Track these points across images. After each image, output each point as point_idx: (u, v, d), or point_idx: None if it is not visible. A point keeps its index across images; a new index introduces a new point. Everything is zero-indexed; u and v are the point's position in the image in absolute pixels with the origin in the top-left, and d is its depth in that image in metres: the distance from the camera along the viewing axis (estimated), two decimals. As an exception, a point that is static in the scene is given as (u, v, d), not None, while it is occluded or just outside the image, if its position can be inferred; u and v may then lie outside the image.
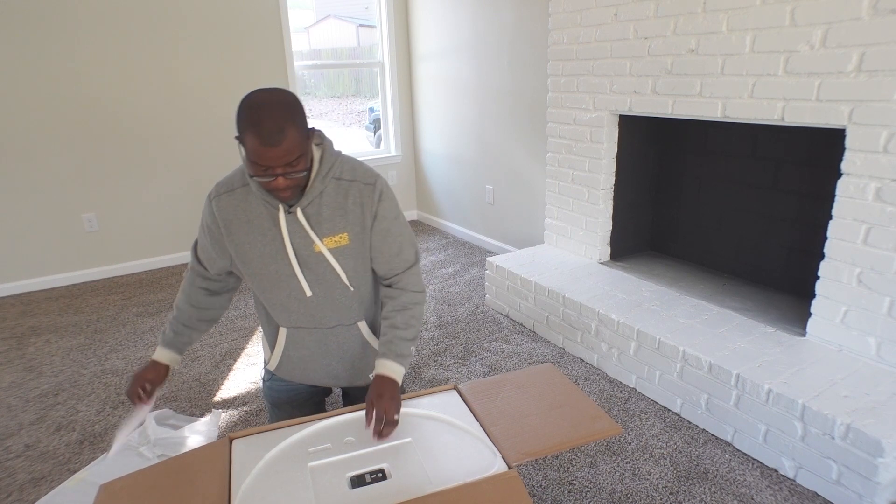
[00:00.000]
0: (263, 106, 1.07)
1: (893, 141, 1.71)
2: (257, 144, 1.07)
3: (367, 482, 1.05)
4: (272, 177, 1.12)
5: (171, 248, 3.94)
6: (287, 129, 1.07)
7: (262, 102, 1.08)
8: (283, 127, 1.07)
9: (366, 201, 1.27)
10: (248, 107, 1.08)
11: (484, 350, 2.65)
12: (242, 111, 1.09)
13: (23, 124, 3.31)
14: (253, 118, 1.07)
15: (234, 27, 3.74)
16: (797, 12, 1.86)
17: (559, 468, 1.86)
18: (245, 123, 1.08)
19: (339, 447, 1.14)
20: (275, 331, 1.41)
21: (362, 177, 1.28)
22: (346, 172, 1.27)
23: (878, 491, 1.56)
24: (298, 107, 1.13)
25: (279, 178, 1.12)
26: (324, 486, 1.04)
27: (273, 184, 1.13)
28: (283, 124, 1.07)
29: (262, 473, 1.08)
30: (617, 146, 2.75)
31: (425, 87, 4.38)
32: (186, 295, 1.42)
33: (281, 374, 1.47)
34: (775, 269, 2.51)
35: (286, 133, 1.07)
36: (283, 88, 1.14)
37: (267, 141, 1.06)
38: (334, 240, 1.27)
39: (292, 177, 1.13)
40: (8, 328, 3.04)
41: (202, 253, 1.38)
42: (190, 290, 1.42)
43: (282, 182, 1.13)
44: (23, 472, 1.92)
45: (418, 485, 1.03)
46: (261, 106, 1.07)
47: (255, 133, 1.06)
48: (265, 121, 1.06)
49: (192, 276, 1.42)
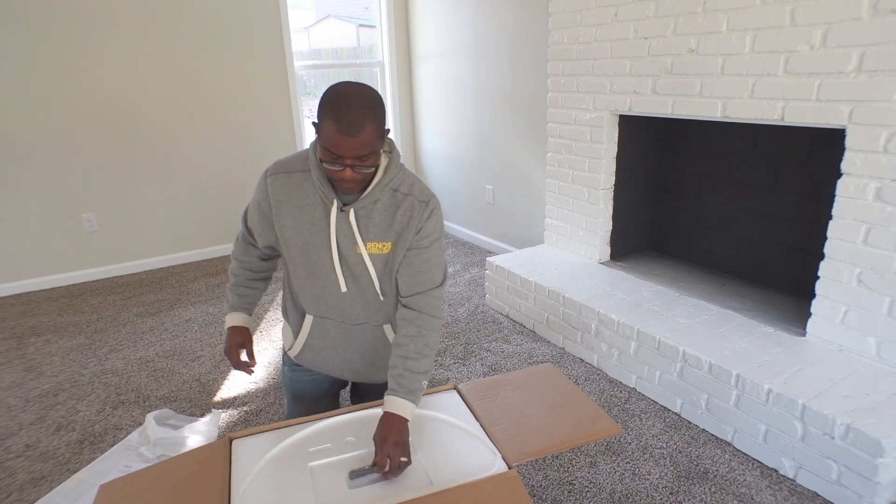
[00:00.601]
0: (349, 97, 1.11)
1: (893, 141, 1.71)
2: (335, 132, 1.09)
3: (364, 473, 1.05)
4: (341, 166, 1.14)
5: (171, 248, 3.94)
6: (366, 123, 1.10)
7: (349, 93, 1.11)
8: (363, 120, 1.10)
9: (415, 216, 1.28)
10: (333, 94, 1.12)
11: (484, 350, 2.65)
12: (327, 98, 1.12)
13: (23, 124, 3.30)
14: (336, 106, 1.10)
15: (234, 27, 3.74)
16: (797, 12, 1.86)
17: (559, 468, 1.86)
18: (327, 110, 1.11)
19: (339, 447, 1.14)
20: (300, 317, 1.42)
21: (418, 194, 1.29)
22: (404, 186, 1.29)
23: (878, 491, 1.56)
24: (381, 105, 1.16)
25: (347, 170, 1.14)
26: (324, 486, 1.04)
27: (340, 174, 1.15)
28: (363, 118, 1.10)
29: (262, 473, 1.08)
30: (617, 146, 2.75)
31: (425, 87, 4.38)
32: (239, 262, 1.47)
33: (300, 361, 1.48)
34: (775, 269, 2.51)
35: (365, 126, 1.10)
36: (369, 86, 1.17)
37: (345, 130, 1.09)
38: (378, 246, 1.28)
39: (360, 170, 1.15)
40: (8, 328, 3.04)
41: (251, 224, 1.41)
42: (242, 257, 1.47)
43: (349, 174, 1.15)
44: (23, 472, 1.92)
45: (418, 485, 1.03)
46: (346, 96, 1.11)
47: (336, 121, 1.09)
48: (348, 111, 1.09)
49: (243, 245, 1.47)
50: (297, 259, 1.32)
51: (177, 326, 2.99)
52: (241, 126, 3.94)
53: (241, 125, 3.94)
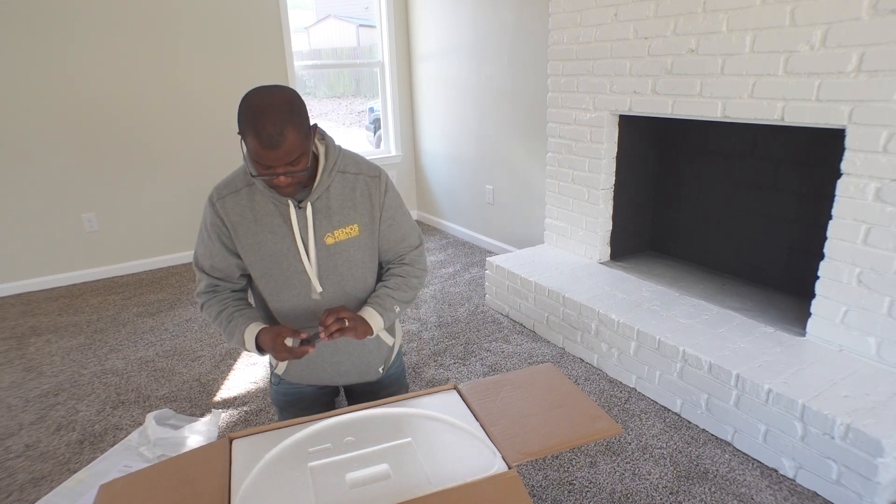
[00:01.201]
0: (264, 107, 1.08)
1: (893, 141, 1.71)
2: (258, 146, 1.08)
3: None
4: (274, 175, 1.14)
5: (171, 248, 3.94)
6: (287, 131, 1.08)
7: (263, 103, 1.09)
8: (283, 129, 1.08)
9: (373, 193, 1.32)
10: (248, 108, 1.09)
11: (484, 350, 2.65)
12: (243, 112, 1.10)
13: (23, 124, 3.31)
14: (253, 120, 1.08)
15: (234, 27, 3.74)
16: (797, 12, 1.86)
17: (559, 468, 1.86)
18: (246, 125, 1.09)
19: (339, 447, 1.14)
20: None
21: (367, 170, 1.33)
22: (351, 166, 1.31)
23: (878, 491, 1.56)
24: (298, 105, 1.14)
25: (280, 177, 1.15)
26: (324, 486, 1.04)
27: (275, 181, 1.16)
28: (282, 126, 1.08)
29: (262, 473, 1.08)
30: (617, 146, 2.75)
31: (425, 87, 4.38)
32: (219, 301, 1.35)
33: (290, 378, 1.48)
34: (775, 269, 2.51)
35: (286, 135, 1.08)
36: (283, 86, 1.15)
37: (267, 143, 1.08)
38: (345, 231, 1.30)
39: (293, 175, 1.15)
40: (8, 328, 3.04)
41: (212, 267, 1.33)
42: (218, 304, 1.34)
43: (283, 180, 1.15)
44: (23, 472, 1.92)
45: (418, 485, 1.03)
46: (261, 107, 1.08)
47: (256, 135, 1.08)
48: (265, 123, 1.07)
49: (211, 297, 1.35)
50: (269, 272, 1.30)
51: (177, 326, 2.99)
52: (241, 126, 3.94)
53: (241, 125, 3.94)
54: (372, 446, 1.14)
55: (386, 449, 1.13)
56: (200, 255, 1.35)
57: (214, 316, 1.34)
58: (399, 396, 1.31)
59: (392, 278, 1.39)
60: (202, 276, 1.36)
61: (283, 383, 1.51)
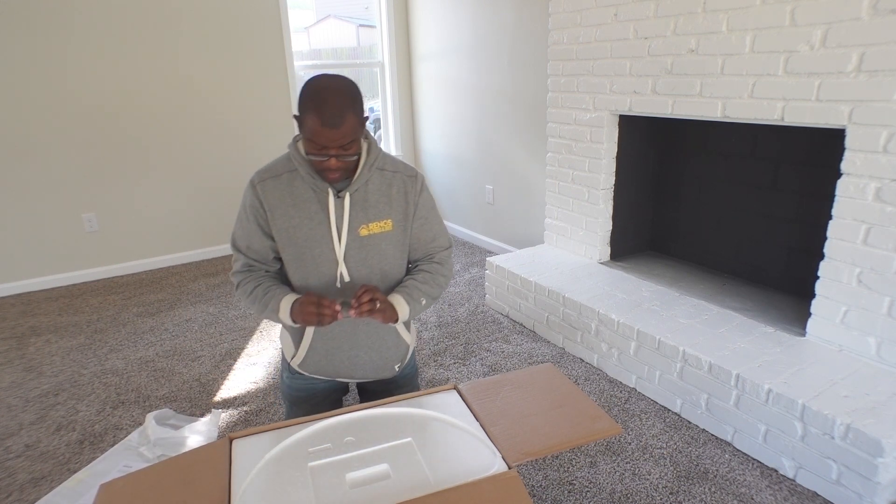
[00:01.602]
0: (328, 90, 1.15)
1: (893, 141, 1.71)
2: (318, 124, 1.14)
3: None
4: (326, 157, 1.19)
5: (171, 249, 3.94)
6: (347, 114, 1.15)
7: (328, 86, 1.16)
8: (344, 111, 1.15)
9: (409, 191, 1.37)
10: (313, 88, 1.16)
11: (484, 350, 2.65)
12: (307, 92, 1.16)
13: (23, 124, 3.31)
14: (317, 100, 1.14)
15: (234, 27, 3.74)
16: (797, 12, 1.86)
17: (559, 468, 1.86)
18: (308, 104, 1.15)
19: (339, 447, 1.14)
20: (301, 327, 1.41)
21: (404, 169, 1.39)
22: (389, 164, 1.37)
23: (878, 491, 1.56)
24: (359, 95, 1.20)
25: (332, 159, 1.20)
26: (324, 486, 1.04)
27: (326, 164, 1.20)
28: (343, 109, 1.15)
29: (262, 473, 1.08)
30: (617, 146, 2.75)
31: (425, 87, 4.38)
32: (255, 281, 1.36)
33: (305, 370, 1.48)
34: (775, 269, 2.51)
35: (346, 117, 1.15)
36: (346, 77, 1.21)
37: (328, 122, 1.14)
38: (379, 225, 1.35)
39: (344, 159, 1.21)
40: (8, 328, 3.04)
41: (248, 248, 1.36)
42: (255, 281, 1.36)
43: (334, 163, 1.20)
44: (23, 472, 1.92)
45: (418, 485, 1.03)
46: (326, 89, 1.15)
47: (318, 114, 1.14)
48: (328, 103, 1.14)
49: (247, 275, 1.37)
50: (300, 257, 1.34)
51: (177, 326, 2.99)
52: (242, 126, 3.94)
53: (242, 125, 3.94)
54: (372, 446, 1.14)
55: (386, 449, 1.13)
56: (238, 236, 1.39)
57: (250, 291, 1.35)
58: (399, 396, 1.31)
59: (420, 273, 1.42)
60: (239, 256, 1.39)
61: (297, 377, 1.51)
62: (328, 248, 1.32)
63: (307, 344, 1.42)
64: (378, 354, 1.45)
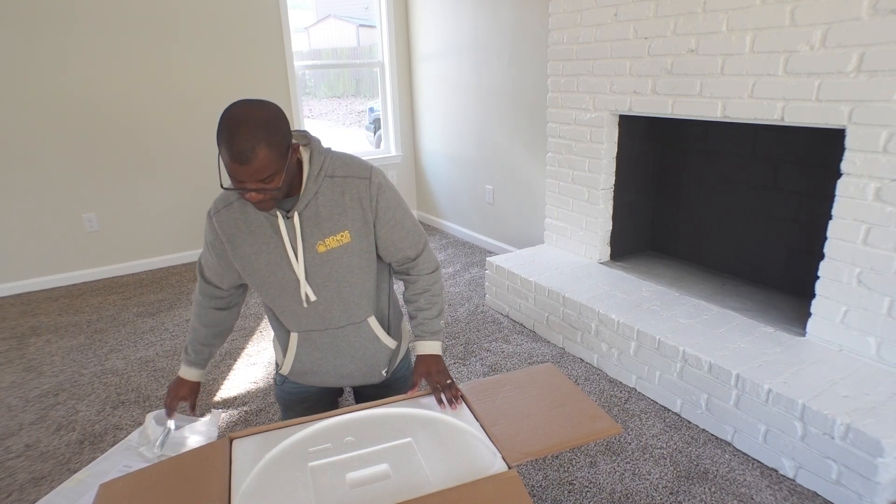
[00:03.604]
0: (240, 122, 1.06)
1: (893, 141, 1.71)
2: (229, 160, 1.08)
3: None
4: (245, 190, 1.12)
5: (171, 249, 3.94)
6: (258, 149, 1.06)
7: (239, 118, 1.07)
8: (255, 146, 1.06)
9: (363, 196, 1.27)
10: (224, 121, 1.08)
11: (484, 350, 2.65)
12: (220, 125, 1.09)
13: (23, 124, 3.31)
14: (227, 134, 1.07)
15: (234, 27, 3.74)
16: (797, 12, 1.86)
17: (559, 468, 1.86)
18: (220, 138, 1.08)
19: (339, 447, 1.14)
20: (286, 335, 1.42)
21: (356, 171, 1.28)
22: (339, 169, 1.27)
23: (878, 491, 1.56)
24: (276, 124, 1.11)
25: (252, 193, 1.12)
26: (324, 486, 1.04)
27: (246, 197, 1.14)
28: (254, 143, 1.06)
29: (262, 473, 1.08)
30: (617, 146, 2.75)
31: (425, 87, 4.38)
32: (198, 316, 1.48)
33: (294, 378, 1.48)
34: (775, 269, 2.51)
35: (256, 152, 1.06)
36: (264, 101, 1.13)
37: (237, 158, 1.06)
38: (336, 239, 1.27)
39: (266, 192, 1.13)
40: (8, 328, 3.04)
41: (210, 272, 1.42)
42: (201, 312, 1.47)
43: (254, 196, 1.13)
44: (23, 472, 1.92)
45: (418, 485, 1.03)
46: (237, 122, 1.07)
47: (228, 149, 1.07)
48: (237, 139, 1.06)
49: (202, 298, 1.47)
50: (265, 283, 1.31)
51: (177, 326, 2.99)
52: (241, 126, 3.94)
53: (241, 125, 3.94)
54: (372, 446, 1.14)
55: (386, 449, 1.13)
56: (203, 262, 1.43)
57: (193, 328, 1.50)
58: (399, 396, 1.31)
59: (418, 298, 1.42)
60: (201, 280, 1.46)
61: (288, 382, 1.51)
62: (289, 271, 1.28)
63: (292, 355, 1.42)
64: (363, 362, 1.44)
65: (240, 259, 1.30)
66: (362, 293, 1.36)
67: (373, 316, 1.40)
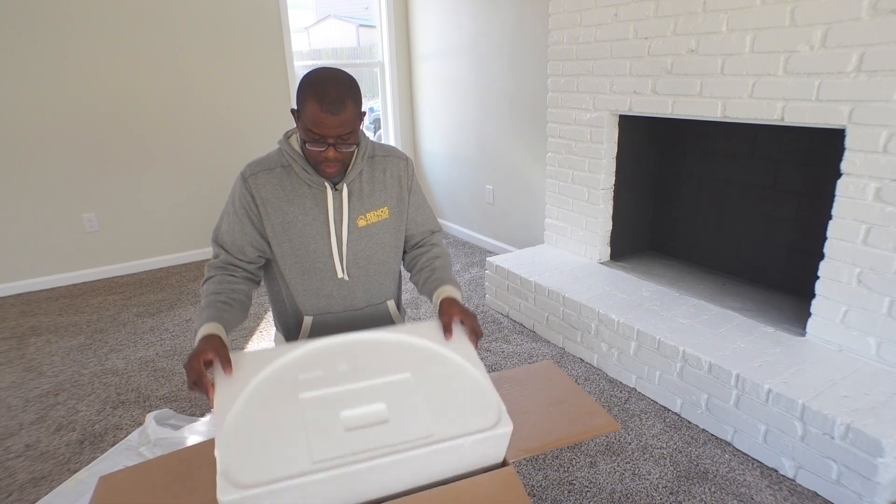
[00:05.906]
0: (329, 79, 1.15)
1: (893, 141, 1.71)
2: (318, 111, 1.13)
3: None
4: (324, 146, 1.17)
5: (171, 249, 3.94)
6: (347, 102, 1.14)
7: (328, 76, 1.16)
8: (344, 99, 1.14)
9: (402, 175, 1.38)
10: (313, 77, 1.16)
11: (484, 350, 2.65)
12: (306, 81, 1.16)
13: (23, 125, 3.31)
14: (317, 88, 1.13)
15: (234, 27, 3.74)
16: (797, 12, 1.87)
17: (559, 468, 1.86)
18: (308, 92, 1.14)
19: (331, 376, 1.06)
20: (298, 323, 1.41)
21: (394, 152, 1.40)
22: (378, 150, 1.37)
23: (878, 491, 1.56)
24: (358, 87, 1.21)
25: (330, 149, 1.18)
26: (317, 425, 0.97)
27: (324, 153, 1.19)
28: (344, 97, 1.14)
29: (248, 402, 1.00)
30: (617, 146, 2.75)
31: (425, 87, 4.38)
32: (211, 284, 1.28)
33: None
34: (775, 269, 2.51)
35: (346, 105, 1.14)
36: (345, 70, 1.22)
37: (328, 108, 1.13)
38: (376, 213, 1.35)
39: (342, 150, 1.20)
40: (8, 328, 3.04)
41: (228, 239, 1.31)
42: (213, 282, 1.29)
43: (332, 153, 1.19)
44: (23, 472, 1.92)
45: (418, 436, 0.97)
46: (326, 78, 1.15)
47: (318, 100, 1.12)
48: (329, 90, 1.13)
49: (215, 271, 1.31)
50: (296, 253, 1.31)
51: (177, 326, 2.99)
52: (241, 126, 3.94)
53: (241, 125, 3.94)
54: (367, 379, 1.06)
55: (383, 384, 1.06)
56: (223, 231, 1.31)
57: (208, 293, 1.27)
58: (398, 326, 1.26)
59: (435, 260, 1.42)
60: (219, 251, 1.31)
61: None
62: (324, 244, 1.30)
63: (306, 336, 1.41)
64: None
65: (272, 226, 1.29)
66: (387, 273, 1.40)
67: (392, 299, 1.44)
